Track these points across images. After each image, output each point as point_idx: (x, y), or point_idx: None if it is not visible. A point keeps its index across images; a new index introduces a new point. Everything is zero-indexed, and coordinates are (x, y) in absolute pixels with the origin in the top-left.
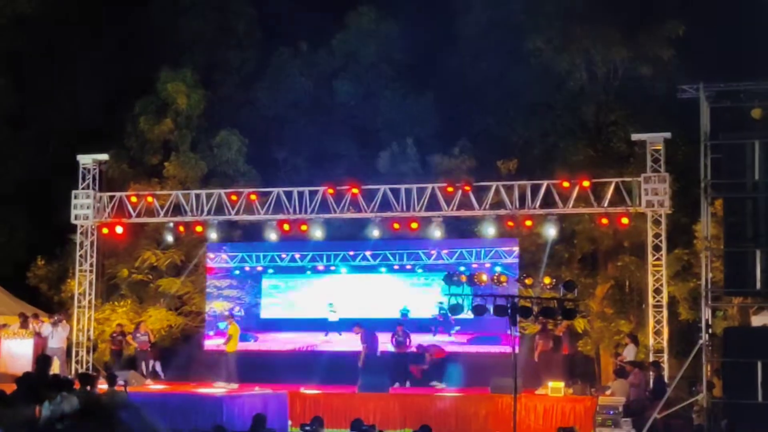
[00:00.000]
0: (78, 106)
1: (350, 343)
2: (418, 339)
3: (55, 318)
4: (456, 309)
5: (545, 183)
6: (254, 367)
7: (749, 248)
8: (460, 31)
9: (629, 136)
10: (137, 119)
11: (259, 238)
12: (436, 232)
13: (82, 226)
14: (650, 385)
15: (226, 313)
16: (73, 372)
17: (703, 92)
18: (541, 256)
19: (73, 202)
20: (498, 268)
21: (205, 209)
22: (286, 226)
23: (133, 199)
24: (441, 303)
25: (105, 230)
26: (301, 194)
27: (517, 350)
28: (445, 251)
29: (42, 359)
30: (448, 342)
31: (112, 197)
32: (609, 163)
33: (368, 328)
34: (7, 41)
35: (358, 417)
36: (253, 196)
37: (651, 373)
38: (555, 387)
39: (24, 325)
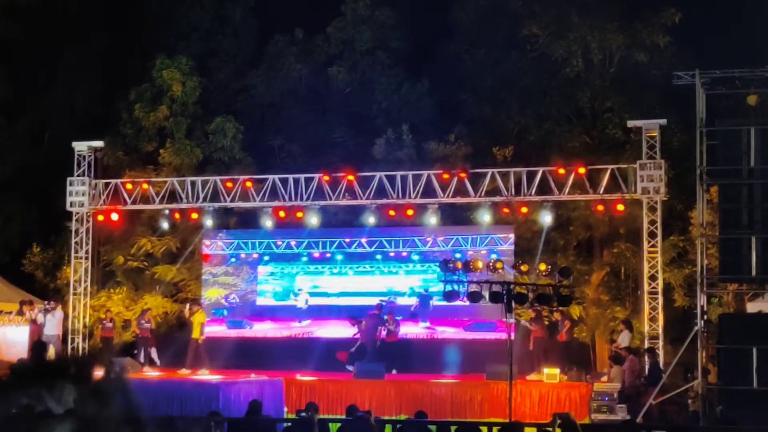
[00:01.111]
0: (73, 93)
1: (346, 330)
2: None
3: (48, 305)
4: (451, 296)
5: (541, 170)
6: (250, 354)
7: (744, 235)
8: (456, 17)
9: (625, 122)
10: (132, 106)
11: (254, 225)
12: (432, 219)
13: (77, 213)
14: (645, 371)
15: (193, 299)
16: None
17: (698, 79)
18: (537, 243)
19: (69, 189)
20: (494, 255)
21: (201, 196)
22: (281, 213)
23: (129, 186)
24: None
25: (100, 217)
26: (296, 181)
27: (512, 337)
28: (441, 238)
29: (38, 346)
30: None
31: (107, 184)
32: (605, 149)
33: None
34: (1, 30)
35: (354, 403)
36: (248, 183)
37: (646, 359)
38: (550, 373)
39: (19, 311)
